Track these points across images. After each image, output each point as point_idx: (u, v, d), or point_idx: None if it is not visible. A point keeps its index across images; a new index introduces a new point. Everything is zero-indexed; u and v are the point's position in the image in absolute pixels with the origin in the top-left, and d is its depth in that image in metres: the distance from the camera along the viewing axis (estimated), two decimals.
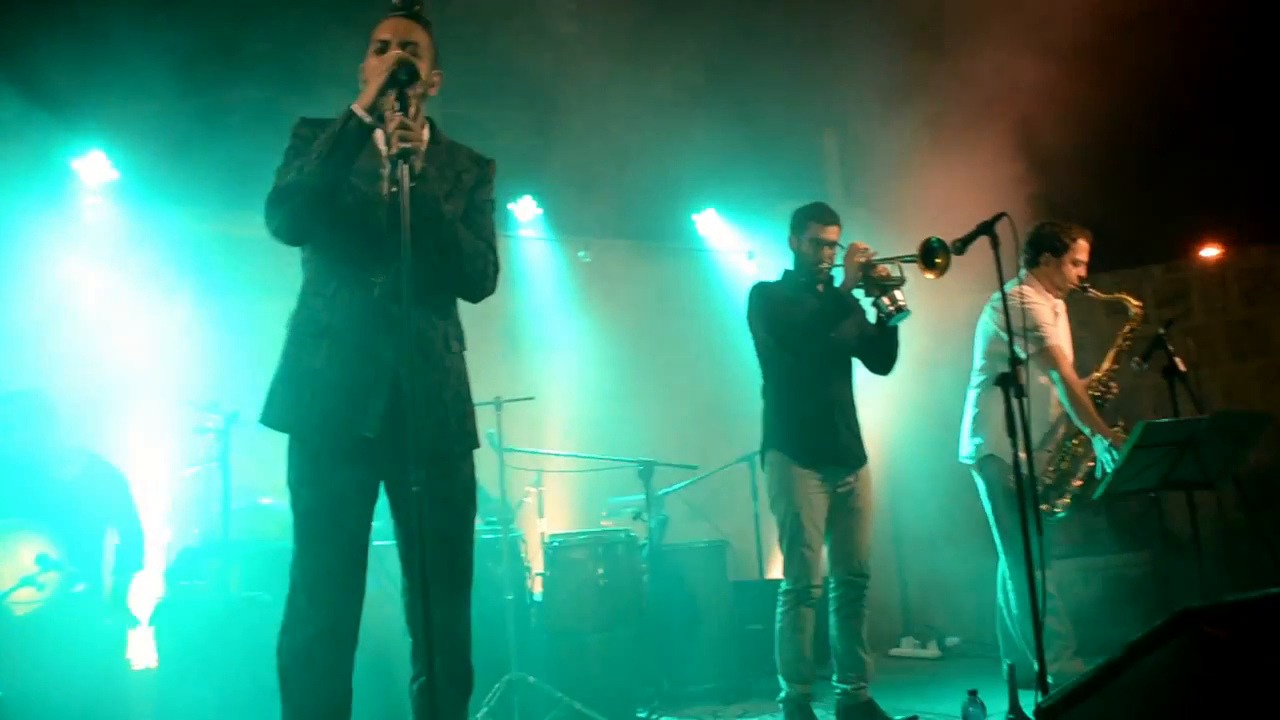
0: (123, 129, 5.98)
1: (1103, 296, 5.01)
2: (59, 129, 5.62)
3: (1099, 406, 4.83)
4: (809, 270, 4.70)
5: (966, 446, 5.04)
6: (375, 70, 2.83)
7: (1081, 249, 5.01)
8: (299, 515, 2.87)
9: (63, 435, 4.92)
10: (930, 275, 4.35)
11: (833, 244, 4.66)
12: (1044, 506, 4.80)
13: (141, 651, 4.77)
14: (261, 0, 6.06)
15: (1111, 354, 4.96)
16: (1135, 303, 4.94)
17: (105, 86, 5.80)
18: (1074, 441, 4.88)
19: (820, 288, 4.68)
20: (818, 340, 4.54)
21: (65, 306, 5.64)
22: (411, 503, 2.50)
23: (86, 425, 5.18)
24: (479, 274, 3.00)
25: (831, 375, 4.65)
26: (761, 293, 4.71)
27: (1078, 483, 4.82)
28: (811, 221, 4.69)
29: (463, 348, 3.07)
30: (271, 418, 2.90)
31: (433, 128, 3.08)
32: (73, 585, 4.53)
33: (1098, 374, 4.96)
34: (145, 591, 5.15)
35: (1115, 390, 4.90)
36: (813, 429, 4.56)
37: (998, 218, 3.99)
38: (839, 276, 4.58)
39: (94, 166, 5.91)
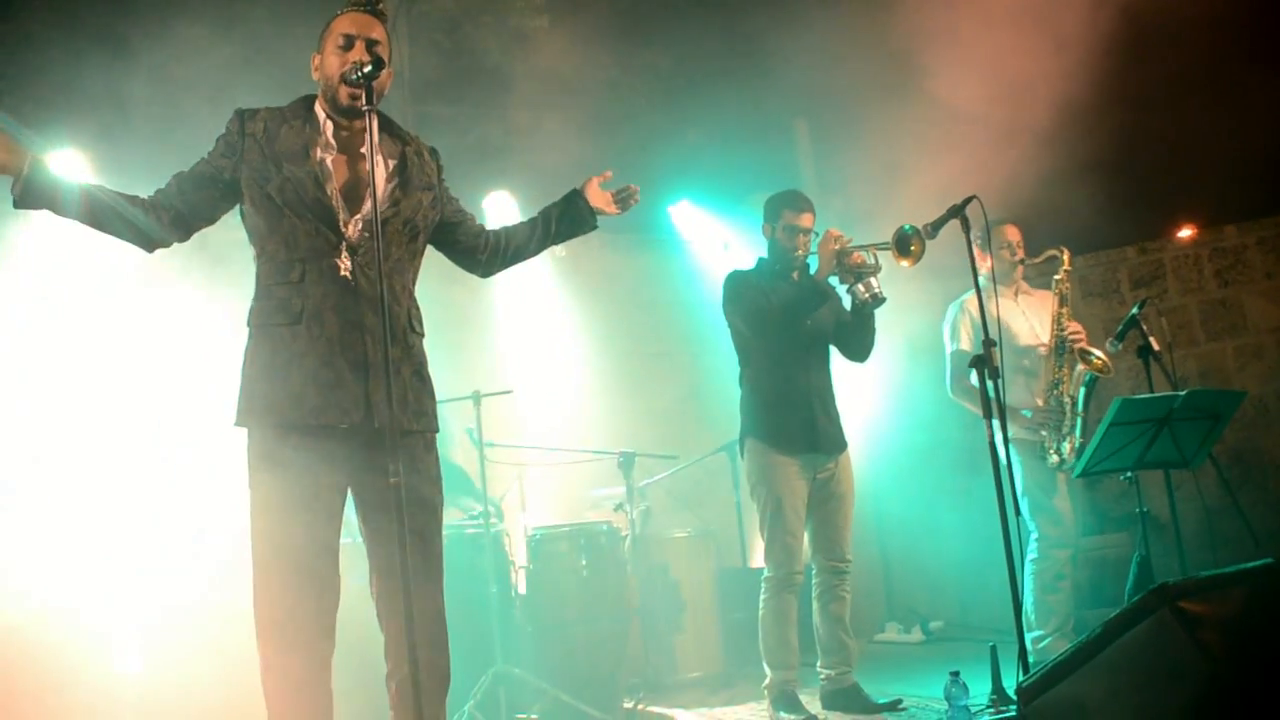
0: (95, 135, 5.94)
1: (1036, 261, 5.09)
2: (29, 134, 5.58)
3: (1063, 347, 4.90)
4: (784, 258, 4.71)
5: None
6: (332, 66, 2.91)
7: (1005, 233, 5.10)
8: (268, 518, 2.81)
9: None
10: (905, 263, 4.37)
11: (807, 231, 4.68)
12: (1055, 458, 4.84)
13: (128, 656, 4.76)
14: (225, 4, 6.05)
15: (1055, 299, 5.00)
16: (1059, 250, 4.99)
17: (73, 93, 5.78)
18: (1057, 390, 4.91)
19: (795, 275, 4.70)
20: (793, 328, 4.56)
21: (42, 306, 5.60)
22: (389, 495, 2.50)
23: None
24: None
25: (809, 362, 4.67)
26: (736, 281, 4.72)
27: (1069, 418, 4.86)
28: (785, 209, 4.70)
29: (423, 332, 3.09)
30: (253, 416, 2.85)
31: (393, 123, 3.11)
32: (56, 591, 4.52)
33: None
34: (129, 595, 5.13)
35: (1073, 329, 4.92)
36: (790, 416, 4.58)
37: (968, 200, 4.04)
38: (814, 264, 4.60)
39: (67, 164, 5.83)
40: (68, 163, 5.73)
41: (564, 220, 3.38)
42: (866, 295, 4.52)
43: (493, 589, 4.81)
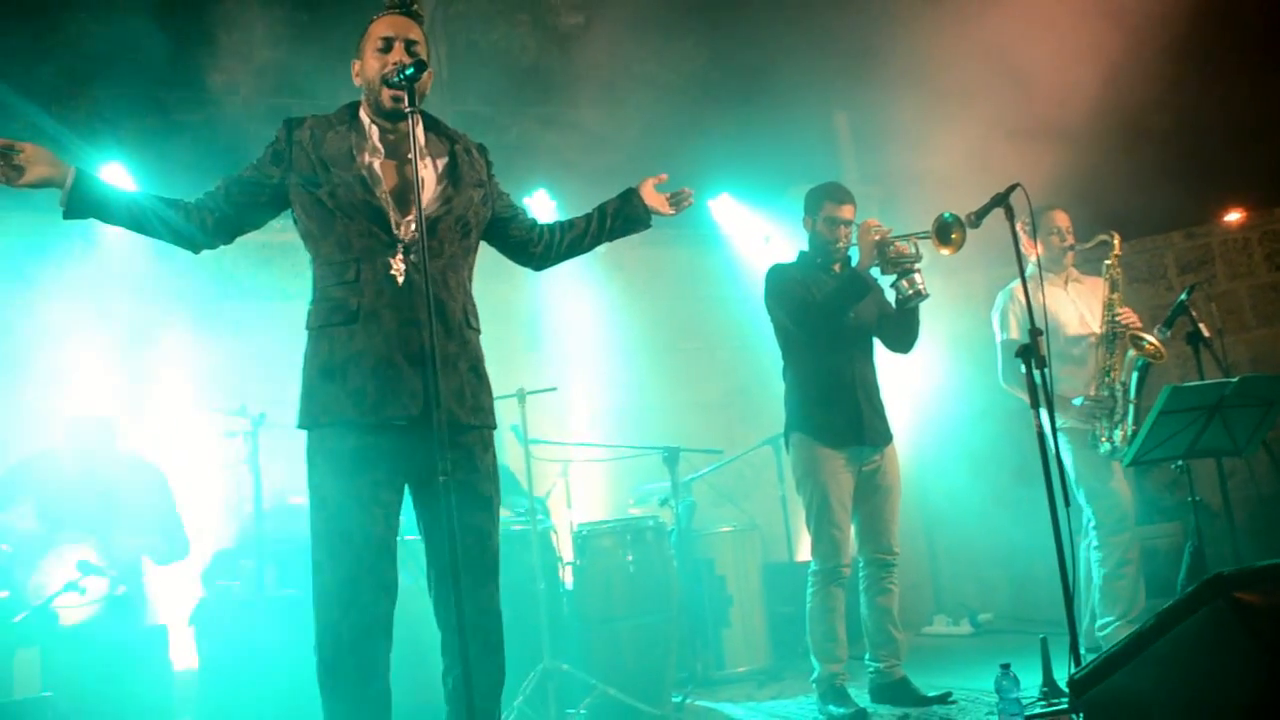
0: (139, 141, 6.04)
1: (1086, 247, 5.08)
2: (79, 143, 5.69)
3: (1114, 334, 4.88)
4: (825, 250, 4.70)
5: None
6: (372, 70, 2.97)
7: (1054, 219, 5.09)
8: (326, 517, 2.84)
9: (110, 440, 5.03)
10: (946, 251, 4.35)
11: (848, 223, 4.65)
12: (1108, 446, 4.84)
13: (182, 652, 4.85)
14: (262, 10, 6.12)
15: (1106, 285, 4.98)
16: (1109, 235, 4.97)
17: (118, 101, 5.87)
18: (1109, 377, 4.89)
19: (837, 268, 4.68)
20: (835, 320, 4.54)
21: (94, 316, 5.71)
22: (439, 493, 2.52)
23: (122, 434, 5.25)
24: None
25: (852, 354, 4.64)
26: (778, 275, 4.70)
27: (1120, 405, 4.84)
28: (826, 201, 4.68)
29: (479, 329, 3.11)
30: (314, 416, 2.88)
31: (439, 123, 3.15)
32: (114, 589, 4.59)
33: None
34: (184, 593, 5.23)
35: (1125, 316, 4.90)
36: (835, 409, 4.56)
37: (1011, 188, 4.00)
38: (856, 256, 4.58)
39: (113, 178, 5.93)
40: (115, 173, 5.83)
41: (619, 217, 3.42)
42: (911, 291, 4.49)
43: (540, 585, 4.83)
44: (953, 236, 4.32)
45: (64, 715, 3.60)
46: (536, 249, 3.35)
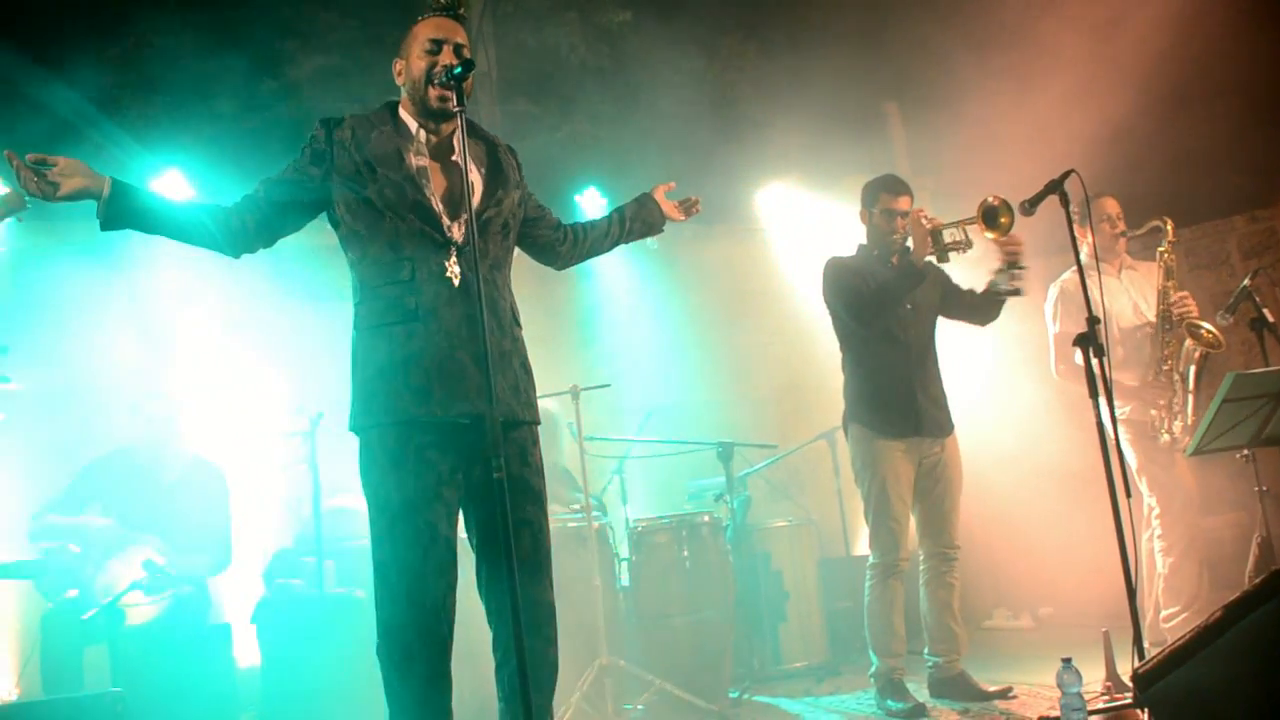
0: (196, 147, 6.14)
1: (1138, 234, 5.03)
2: (138, 149, 5.79)
3: (1169, 321, 4.81)
4: (882, 243, 4.68)
5: None
6: (414, 68, 2.99)
7: (1104, 207, 5.05)
8: (391, 517, 2.84)
9: (173, 439, 5.11)
10: (994, 235, 4.31)
11: (905, 214, 4.63)
12: (1167, 438, 4.82)
13: (245, 649, 4.92)
14: (315, 15, 6.20)
15: (1160, 272, 4.92)
16: (1162, 221, 4.91)
17: (175, 107, 5.98)
18: (1165, 366, 4.83)
19: (895, 260, 4.65)
20: (891, 310, 4.52)
21: (153, 319, 5.81)
22: (494, 489, 2.53)
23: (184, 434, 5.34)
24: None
25: (910, 345, 4.62)
26: (835, 267, 4.69)
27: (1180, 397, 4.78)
28: (882, 193, 4.67)
29: (522, 325, 3.13)
30: (374, 415, 2.88)
31: (476, 125, 3.17)
32: (179, 588, 4.67)
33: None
34: (246, 591, 5.31)
35: (1180, 300, 4.83)
36: (892, 400, 4.54)
37: (1066, 175, 3.94)
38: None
39: (172, 185, 6.03)
40: (173, 179, 5.93)
41: (637, 221, 3.52)
42: (1008, 287, 4.47)
43: (597, 582, 4.85)
44: (1001, 221, 4.30)
45: (132, 710, 3.67)
46: (563, 248, 3.39)
